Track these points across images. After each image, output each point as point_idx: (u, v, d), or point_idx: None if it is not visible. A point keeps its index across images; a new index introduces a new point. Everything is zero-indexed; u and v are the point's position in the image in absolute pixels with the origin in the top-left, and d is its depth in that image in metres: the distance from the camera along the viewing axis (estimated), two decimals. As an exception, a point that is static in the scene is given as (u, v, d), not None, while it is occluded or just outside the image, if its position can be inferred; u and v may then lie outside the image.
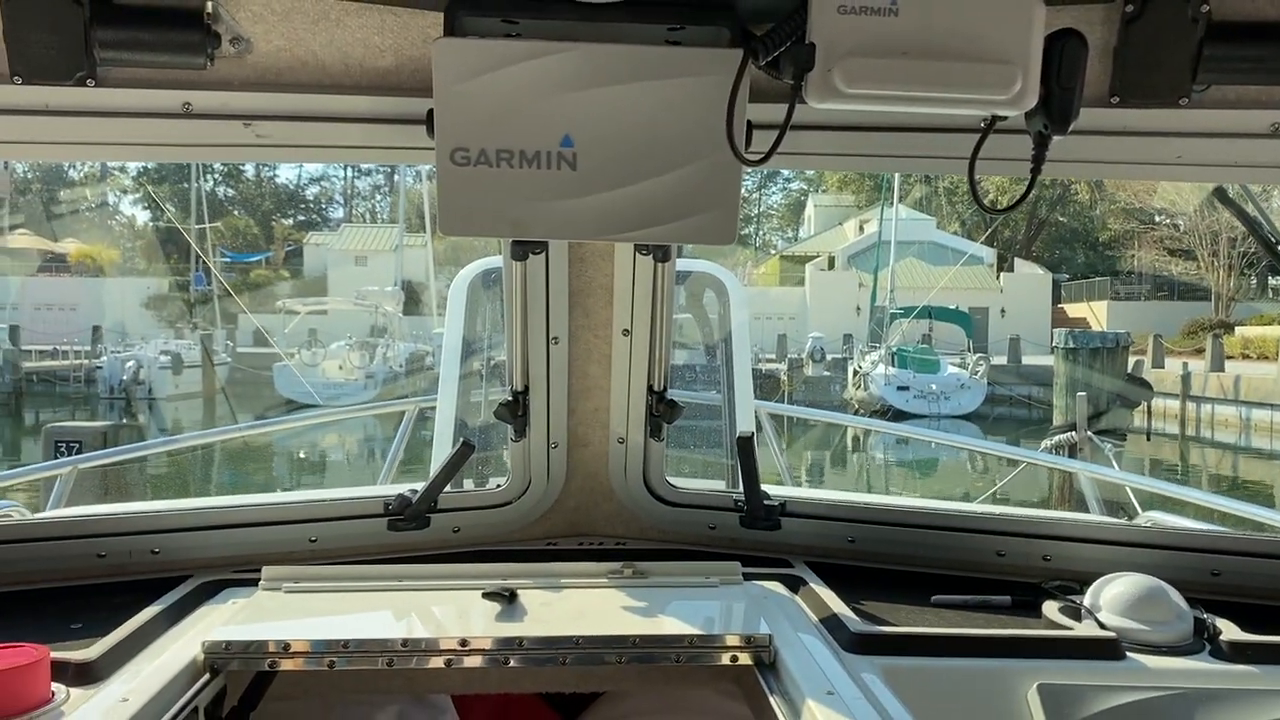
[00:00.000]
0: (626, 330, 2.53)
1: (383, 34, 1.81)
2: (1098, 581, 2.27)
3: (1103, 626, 2.15)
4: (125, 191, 70.59)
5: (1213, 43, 1.78)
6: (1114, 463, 13.29)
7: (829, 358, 37.24)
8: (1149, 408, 25.63)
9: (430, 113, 1.73)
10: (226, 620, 2.12)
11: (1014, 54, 1.55)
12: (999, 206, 2.01)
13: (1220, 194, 2.69)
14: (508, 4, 1.70)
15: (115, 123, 1.88)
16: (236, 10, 1.76)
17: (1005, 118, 1.65)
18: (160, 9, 1.72)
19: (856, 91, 1.55)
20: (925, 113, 1.80)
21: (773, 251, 69.05)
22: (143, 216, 70.11)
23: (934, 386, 33.67)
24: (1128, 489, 4.97)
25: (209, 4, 1.74)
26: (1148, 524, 3.23)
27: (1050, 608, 2.28)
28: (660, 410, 2.61)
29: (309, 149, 1.98)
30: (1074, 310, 50.03)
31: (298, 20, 1.78)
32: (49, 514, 3.48)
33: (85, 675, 1.84)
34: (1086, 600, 2.24)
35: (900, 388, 33.77)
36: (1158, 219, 47.86)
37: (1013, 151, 1.82)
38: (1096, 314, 47.31)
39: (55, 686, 1.76)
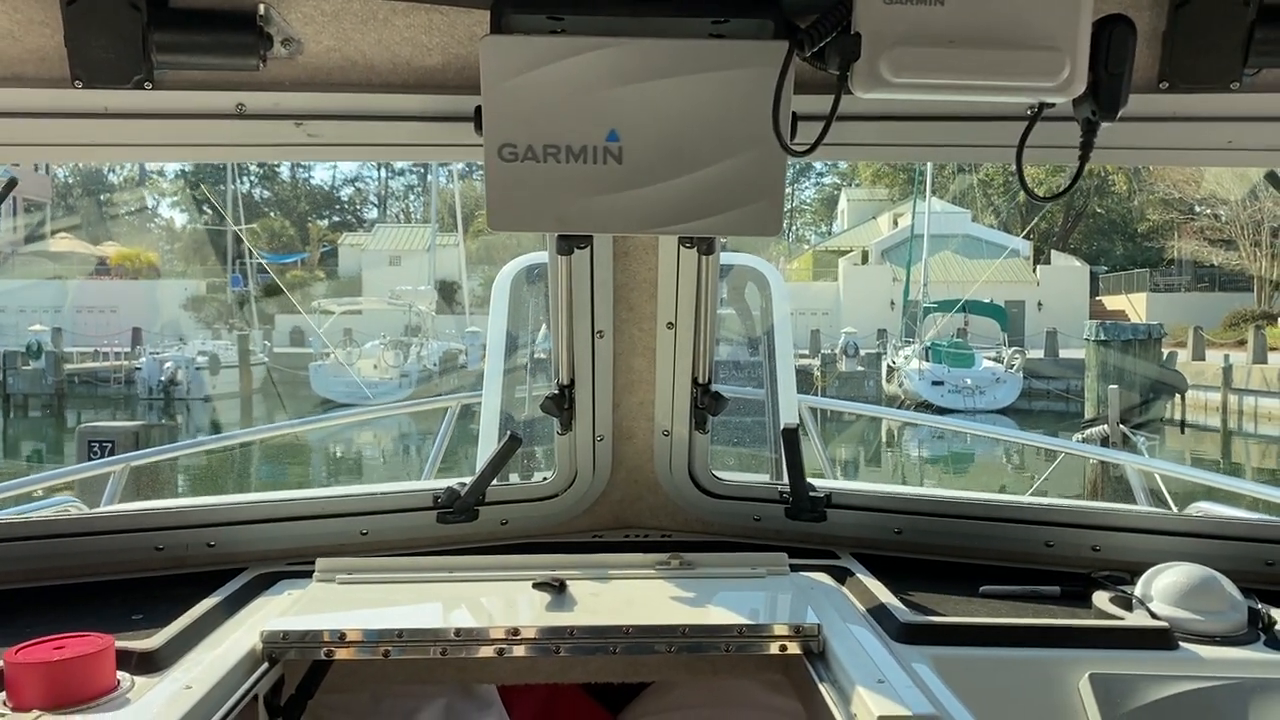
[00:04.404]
0: (671, 323, 2.54)
1: (430, 33, 1.84)
2: (1149, 571, 2.25)
3: (1155, 616, 2.14)
4: (163, 195, 71.73)
5: (1264, 26, 1.76)
6: (1145, 455, 13.12)
7: (862, 353, 37.02)
8: (1183, 400, 25.22)
9: (478, 109, 1.75)
10: (283, 611, 2.15)
11: (1061, 40, 1.55)
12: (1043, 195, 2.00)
13: (1272, 177, 2.66)
14: (553, 1, 1.72)
15: (171, 124, 1.92)
16: (288, 12, 1.79)
17: (1053, 105, 1.64)
18: (214, 12, 1.76)
19: (903, 81, 1.55)
20: (971, 101, 1.79)
21: (806, 246, 68.71)
22: (180, 219, 71.18)
23: (969, 381, 33.36)
24: (1158, 479, 4.88)
25: (261, 6, 1.77)
26: (1198, 514, 3.20)
27: (1101, 598, 2.26)
28: (705, 403, 2.62)
29: (358, 147, 2.01)
30: (1112, 302, 49.39)
31: (347, 21, 1.81)
32: (106, 509, 3.55)
33: (148, 664, 1.88)
34: (1138, 590, 2.23)
35: (935, 382, 33.49)
36: (1197, 209, 47.06)
37: (1060, 139, 1.81)
38: (1135, 306, 46.67)
39: (120, 674, 1.81)
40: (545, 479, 2.82)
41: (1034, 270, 51.27)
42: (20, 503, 3.80)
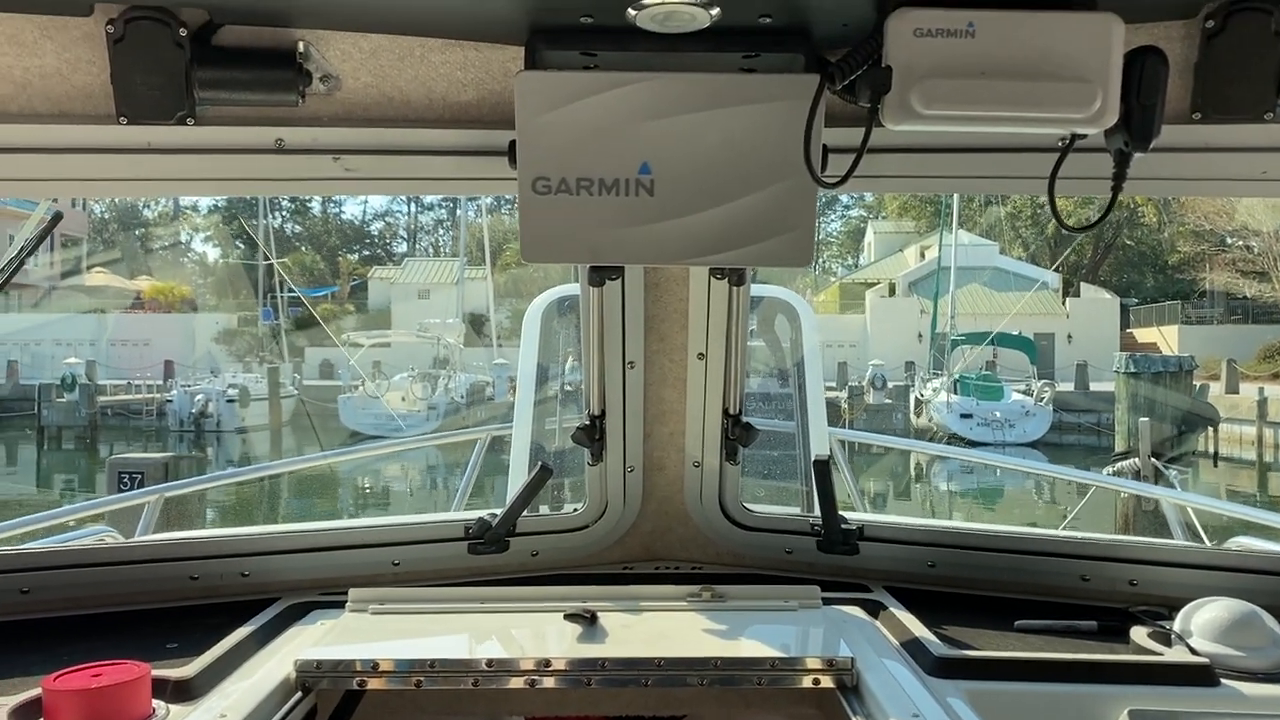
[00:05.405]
0: (701, 354, 2.55)
1: (465, 69, 1.87)
2: (1188, 606, 2.22)
3: (1195, 652, 2.10)
4: (197, 230, 72.75)
5: None
6: (1178, 488, 12.95)
7: (890, 385, 36.79)
8: (1216, 432, 24.88)
9: (512, 144, 1.77)
10: (316, 641, 2.16)
11: (1093, 72, 1.56)
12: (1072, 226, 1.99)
13: None
14: (586, 37, 1.75)
15: (212, 159, 1.96)
16: (326, 49, 1.83)
17: (1084, 136, 1.65)
18: (255, 50, 1.80)
19: (934, 113, 1.56)
20: (1002, 132, 1.80)
21: (832, 279, 68.58)
22: (213, 254, 72.10)
23: (998, 414, 33.05)
24: (1190, 512, 4.81)
25: (301, 44, 1.81)
26: (1237, 549, 3.15)
27: (1139, 633, 2.23)
28: (735, 434, 2.62)
29: (394, 181, 2.04)
30: (1144, 335, 48.83)
31: (384, 57, 1.85)
32: (142, 539, 3.59)
33: (183, 692, 1.90)
34: (1177, 625, 2.19)
35: (964, 415, 33.21)
36: (1229, 240, 46.58)
37: (1092, 170, 1.81)
38: (1167, 339, 46.11)
39: (155, 703, 1.82)
40: (576, 510, 2.82)
41: (1063, 303, 50.86)
42: (56, 533, 3.85)
